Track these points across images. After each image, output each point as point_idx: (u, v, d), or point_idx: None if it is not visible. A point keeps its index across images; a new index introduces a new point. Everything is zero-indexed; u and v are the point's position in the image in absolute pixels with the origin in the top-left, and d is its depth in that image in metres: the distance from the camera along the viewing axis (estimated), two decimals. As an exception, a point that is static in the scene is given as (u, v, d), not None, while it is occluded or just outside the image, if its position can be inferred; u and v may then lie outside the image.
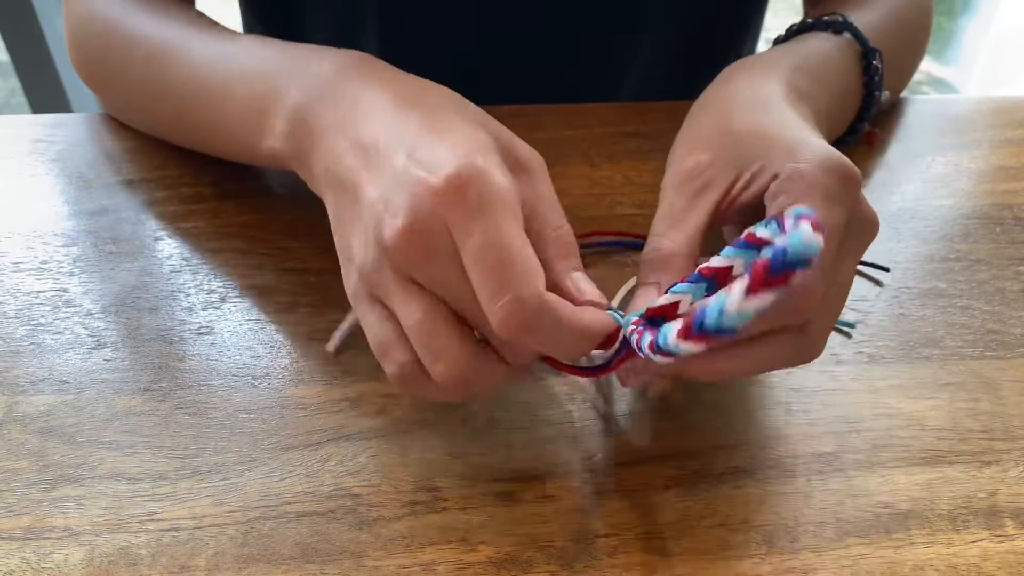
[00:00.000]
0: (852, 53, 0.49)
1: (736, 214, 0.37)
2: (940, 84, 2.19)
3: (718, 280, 0.30)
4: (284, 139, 0.39)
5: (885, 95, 0.51)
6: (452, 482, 0.35)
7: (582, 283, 0.33)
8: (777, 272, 0.22)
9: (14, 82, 1.67)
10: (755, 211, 0.36)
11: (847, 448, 0.37)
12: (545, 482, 0.35)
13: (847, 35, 0.49)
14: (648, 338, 0.29)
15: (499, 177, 0.31)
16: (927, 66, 2.20)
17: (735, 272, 0.30)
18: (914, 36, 0.58)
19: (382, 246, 0.31)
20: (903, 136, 0.57)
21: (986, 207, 0.51)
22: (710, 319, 0.24)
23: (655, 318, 0.31)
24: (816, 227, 0.22)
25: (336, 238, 0.35)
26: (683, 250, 0.35)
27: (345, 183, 0.34)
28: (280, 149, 0.40)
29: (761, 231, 0.29)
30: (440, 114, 0.34)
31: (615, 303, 0.41)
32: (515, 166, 0.34)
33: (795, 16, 0.52)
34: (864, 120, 0.52)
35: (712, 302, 0.24)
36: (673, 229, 0.36)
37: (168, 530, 0.33)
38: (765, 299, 0.23)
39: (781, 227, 0.27)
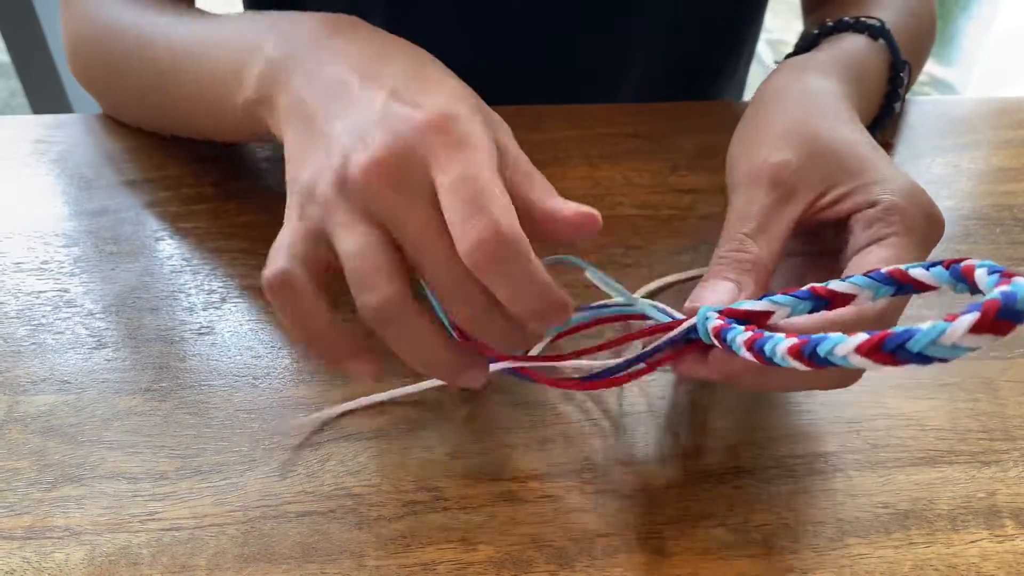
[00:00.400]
0: (883, 61, 0.49)
1: (812, 226, 0.36)
2: (941, 85, 2.19)
3: (832, 303, 0.30)
4: (256, 83, 0.39)
5: (900, 106, 0.51)
6: (452, 482, 0.35)
7: (571, 204, 0.32)
8: (1005, 317, 0.22)
9: (15, 83, 1.67)
10: (826, 229, 0.35)
11: (847, 448, 0.37)
12: (545, 482, 0.35)
13: (881, 42, 0.48)
14: (783, 342, 0.26)
15: (481, 125, 0.31)
16: (928, 67, 2.19)
17: (858, 302, 0.29)
18: (925, 39, 0.58)
19: (344, 178, 0.31)
20: (904, 137, 0.57)
21: (986, 208, 0.51)
22: (917, 344, 0.23)
23: (741, 320, 0.30)
24: None
25: (288, 170, 0.34)
26: (770, 259, 0.34)
27: (310, 114, 0.34)
28: (251, 97, 0.39)
29: (917, 272, 0.28)
30: (422, 66, 0.35)
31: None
32: (489, 118, 0.34)
33: (795, 17, 0.51)
34: (876, 129, 0.51)
35: (924, 328, 0.23)
36: (763, 235, 0.34)
37: (169, 529, 0.33)
38: (981, 341, 0.22)
39: (960, 277, 0.26)
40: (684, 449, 0.37)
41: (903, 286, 0.28)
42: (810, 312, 0.30)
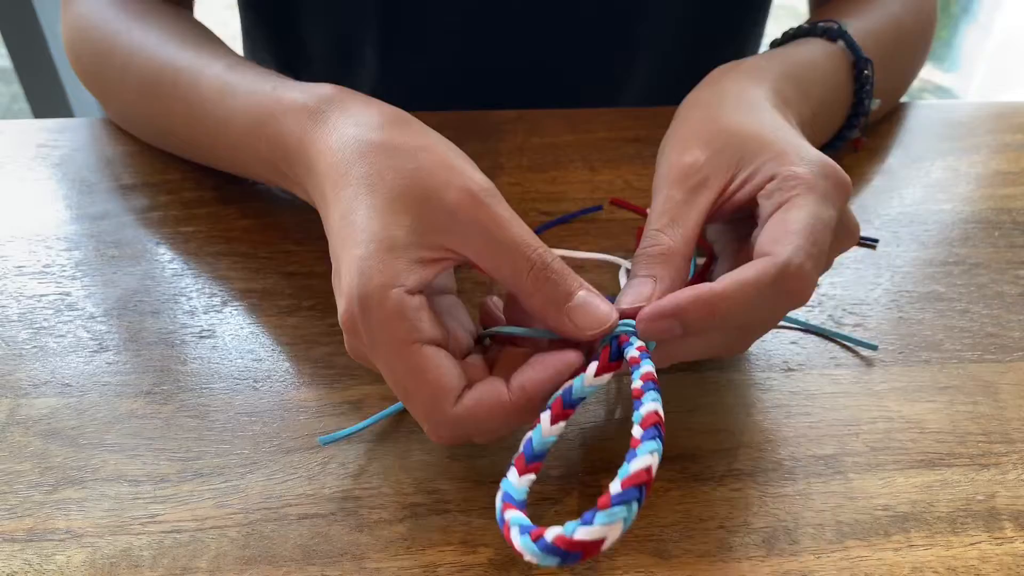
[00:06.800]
0: (844, 62, 0.49)
1: (729, 211, 0.37)
2: (940, 91, 2.19)
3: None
4: (305, 198, 0.41)
5: (876, 103, 0.52)
6: (453, 484, 0.35)
7: (579, 314, 0.33)
8: (613, 360, 0.33)
9: (16, 87, 1.67)
10: (746, 209, 0.37)
11: (847, 451, 0.37)
12: (545, 484, 0.35)
13: (840, 43, 0.49)
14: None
15: (384, 297, 0.31)
16: (927, 73, 2.20)
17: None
18: (912, 43, 0.58)
19: None
20: (903, 141, 0.57)
21: (985, 211, 0.51)
22: (579, 392, 0.32)
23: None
24: (650, 379, 0.31)
25: None
26: (682, 248, 0.35)
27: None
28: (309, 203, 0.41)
29: (631, 352, 0.33)
30: (352, 216, 0.33)
31: None
32: (450, 223, 0.32)
33: (796, 22, 0.52)
34: (854, 127, 0.52)
35: (576, 381, 0.32)
36: (672, 226, 0.36)
37: (170, 532, 0.33)
38: (603, 380, 0.32)
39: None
40: (684, 452, 0.37)
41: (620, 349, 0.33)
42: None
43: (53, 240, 0.47)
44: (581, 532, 0.27)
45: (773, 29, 0.73)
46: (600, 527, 0.27)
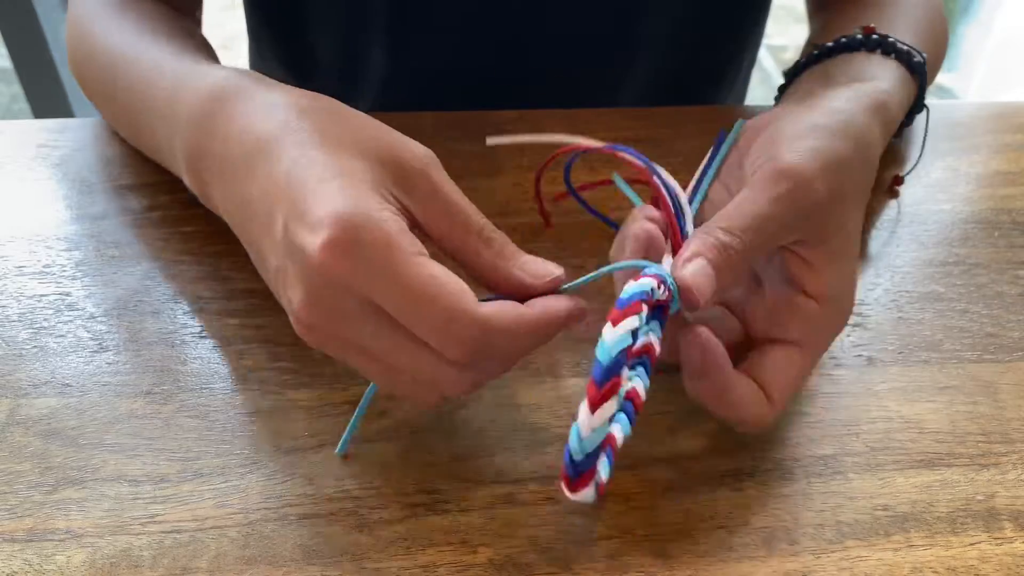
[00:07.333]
0: (911, 98, 0.48)
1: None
2: (940, 91, 2.19)
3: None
4: (192, 186, 0.41)
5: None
6: (453, 484, 0.35)
7: (531, 266, 0.33)
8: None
9: (16, 87, 1.67)
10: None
11: (846, 451, 0.37)
12: (546, 484, 0.35)
13: (917, 78, 0.47)
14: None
15: (376, 217, 0.30)
16: (927, 73, 2.19)
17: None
18: (940, 54, 0.57)
19: (299, 322, 0.32)
20: (903, 141, 0.57)
21: (985, 212, 0.51)
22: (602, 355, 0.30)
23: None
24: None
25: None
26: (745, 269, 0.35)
27: (248, 240, 0.36)
28: (196, 190, 0.41)
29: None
30: (307, 156, 0.32)
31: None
32: (404, 180, 0.33)
33: (794, 22, 0.52)
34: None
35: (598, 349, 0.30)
36: (759, 236, 0.34)
37: (170, 532, 0.33)
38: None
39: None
40: (685, 452, 0.37)
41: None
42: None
43: (53, 240, 0.47)
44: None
45: (772, 29, 0.73)
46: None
